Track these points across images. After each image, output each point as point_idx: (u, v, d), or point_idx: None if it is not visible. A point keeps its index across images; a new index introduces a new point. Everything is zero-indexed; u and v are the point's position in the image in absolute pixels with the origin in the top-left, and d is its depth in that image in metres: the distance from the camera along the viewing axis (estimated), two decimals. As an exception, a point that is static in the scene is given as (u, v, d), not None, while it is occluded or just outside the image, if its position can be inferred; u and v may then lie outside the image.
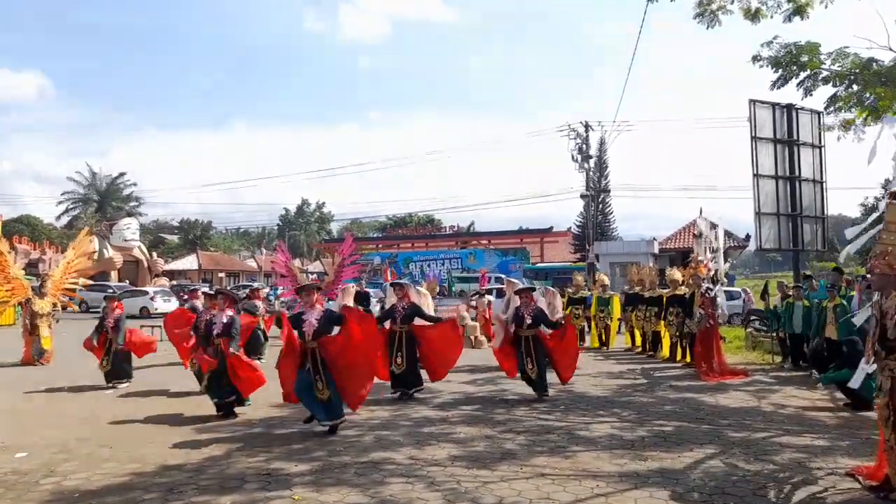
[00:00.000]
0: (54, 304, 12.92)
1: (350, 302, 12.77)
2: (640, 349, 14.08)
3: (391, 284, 9.82)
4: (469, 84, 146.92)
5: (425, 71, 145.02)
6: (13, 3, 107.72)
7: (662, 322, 12.89)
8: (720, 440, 6.37)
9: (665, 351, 12.98)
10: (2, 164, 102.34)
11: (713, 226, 12.11)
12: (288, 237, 66.65)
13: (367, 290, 19.87)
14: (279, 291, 21.34)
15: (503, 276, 30.47)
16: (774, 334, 12.76)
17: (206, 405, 8.37)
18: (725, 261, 11.35)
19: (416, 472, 5.30)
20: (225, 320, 7.65)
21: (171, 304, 24.27)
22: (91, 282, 14.57)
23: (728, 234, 11.58)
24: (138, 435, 6.75)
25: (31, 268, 14.27)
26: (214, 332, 7.60)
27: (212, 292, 8.68)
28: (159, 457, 5.85)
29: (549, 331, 8.89)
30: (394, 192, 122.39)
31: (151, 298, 27.46)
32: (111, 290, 21.83)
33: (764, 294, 14.60)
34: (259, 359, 10.83)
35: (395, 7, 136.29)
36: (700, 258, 11.81)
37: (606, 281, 15.77)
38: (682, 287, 12.35)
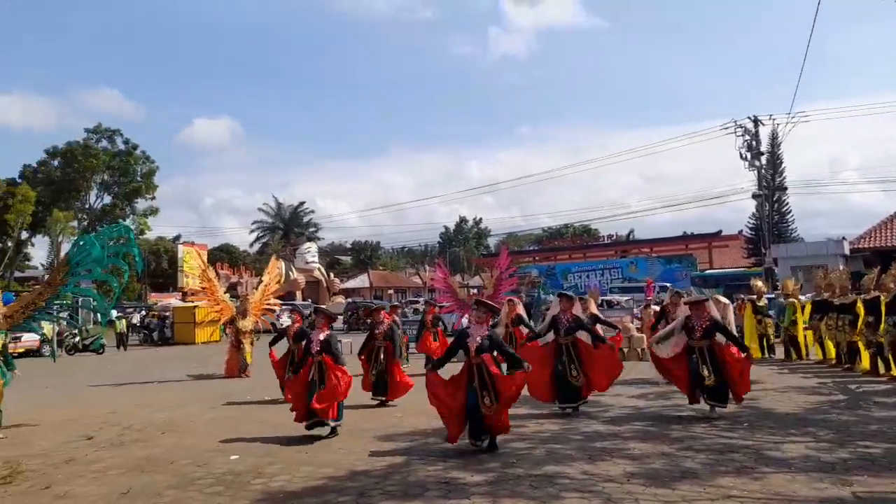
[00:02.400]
0: (255, 323, 14.51)
1: (521, 310, 12.93)
2: (833, 361, 12.69)
3: (558, 295, 9.75)
4: (620, 89, 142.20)
5: (574, 80, 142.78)
6: (207, 59, 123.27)
7: (857, 332, 11.52)
8: (944, 466, 5.57)
9: (865, 363, 11.56)
10: (205, 201, 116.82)
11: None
12: (448, 254, 68.85)
13: (528, 301, 20.01)
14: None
15: (669, 284, 29.04)
16: None
17: (384, 415, 8.95)
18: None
19: (591, 487, 5.25)
20: (322, 338, 7.79)
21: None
22: (280, 302, 16.13)
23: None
24: (327, 442, 7.37)
25: (232, 290, 16.11)
26: (313, 350, 7.80)
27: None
28: (348, 462, 6.35)
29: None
30: (548, 204, 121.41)
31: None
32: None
33: None
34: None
35: (543, 20, 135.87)
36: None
37: (791, 287, 14.53)
38: (880, 291, 10.98)
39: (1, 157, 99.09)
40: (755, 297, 14.59)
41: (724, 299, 12.17)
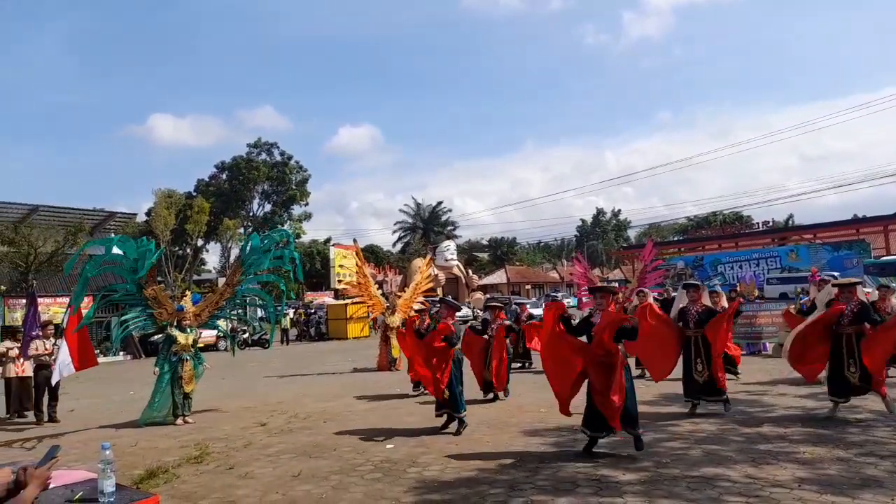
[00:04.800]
0: (403, 320, 15.20)
1: (652, 302, 12.32)
2: None
3: (684, 286, 9.04)
4: (772, 63, 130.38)
5: (719, 58, 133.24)
6: (346, 70, 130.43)
7: None
8: None
9: None
10: (351, 205, 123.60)
11: None
12: (586, 247, 67.36)
13: (674, 295, 19.03)
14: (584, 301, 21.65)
15: (835, 273, 26.34)
16: None
17: (528, 410, 8.99)
18: None
19: (757, 492, 4.93)
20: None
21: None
22: (426, 300, 16.77)
23: None
24: (475, 436, 7.55)
25: (378, 288, 16.93)
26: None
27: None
28: (497, 456, 6.48)
29: None
30: (693, 191, 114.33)
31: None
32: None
33: None
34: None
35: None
36: None
37: None
38: None
39: (180, 172, 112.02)
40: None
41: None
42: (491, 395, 10.01)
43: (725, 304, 10.15)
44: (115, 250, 10.00)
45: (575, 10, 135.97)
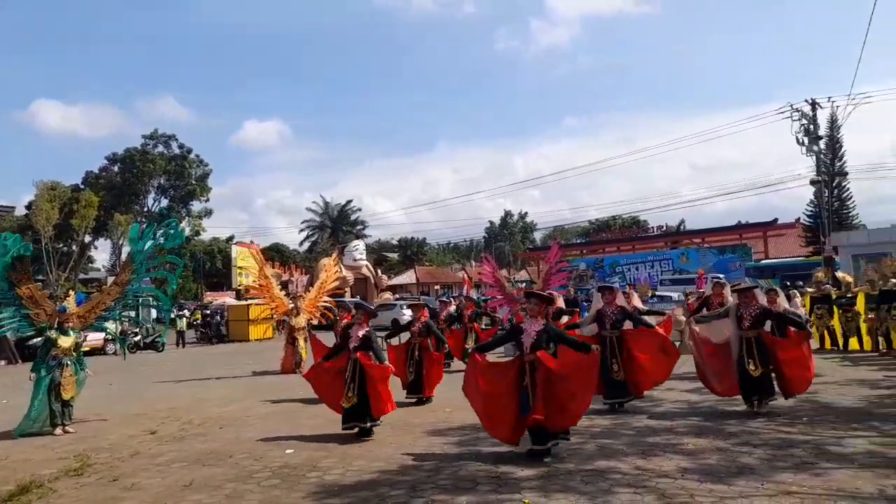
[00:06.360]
0: (309, 320, 14.83)
1: (561, 304, 12.71)
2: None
3: (599, 289, 9.48)
4: (671, 76, 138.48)
5: (623, 68, 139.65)
6: (254, 63, 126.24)
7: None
8: None
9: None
10: (256, 201, 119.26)
11: None
12: (494, 248, 68.74)
13: (576, 295, 19.79)
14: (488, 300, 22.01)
15: (721, 275, 28.30)
16: None
17: (433, 410, 9.03)
18: None
19: (645, 482, 5.19)
20: (361, 334, 7.71)
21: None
22: (334, 300, 16.44)
23: None
24: (379, 437, 7.47)
25: (283, 289, 16.42)
26: (351, 346, 7.69)
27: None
28: (399, 457, 6.45)
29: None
30: (596, 196, 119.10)
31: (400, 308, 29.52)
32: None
33: None
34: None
35: (587, 8, 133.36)
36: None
37: (849, 278, 14.16)
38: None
39: (67, 164, 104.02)
40: (814, 288, 14.21)
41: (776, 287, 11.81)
42: (416, 399, 9.72)
43: (637, 303, 10.59)
44: None
45: (486, 17, 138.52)
